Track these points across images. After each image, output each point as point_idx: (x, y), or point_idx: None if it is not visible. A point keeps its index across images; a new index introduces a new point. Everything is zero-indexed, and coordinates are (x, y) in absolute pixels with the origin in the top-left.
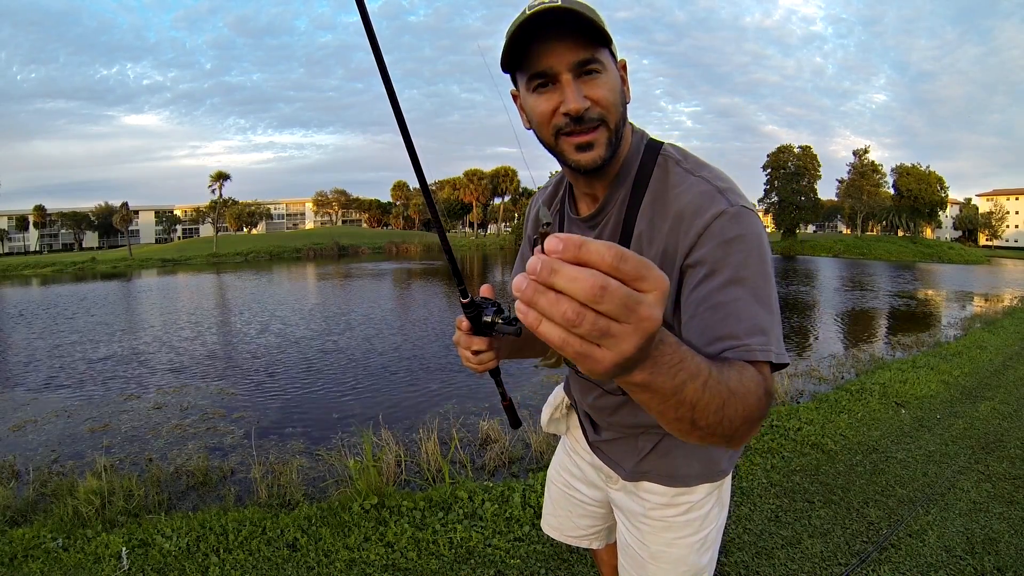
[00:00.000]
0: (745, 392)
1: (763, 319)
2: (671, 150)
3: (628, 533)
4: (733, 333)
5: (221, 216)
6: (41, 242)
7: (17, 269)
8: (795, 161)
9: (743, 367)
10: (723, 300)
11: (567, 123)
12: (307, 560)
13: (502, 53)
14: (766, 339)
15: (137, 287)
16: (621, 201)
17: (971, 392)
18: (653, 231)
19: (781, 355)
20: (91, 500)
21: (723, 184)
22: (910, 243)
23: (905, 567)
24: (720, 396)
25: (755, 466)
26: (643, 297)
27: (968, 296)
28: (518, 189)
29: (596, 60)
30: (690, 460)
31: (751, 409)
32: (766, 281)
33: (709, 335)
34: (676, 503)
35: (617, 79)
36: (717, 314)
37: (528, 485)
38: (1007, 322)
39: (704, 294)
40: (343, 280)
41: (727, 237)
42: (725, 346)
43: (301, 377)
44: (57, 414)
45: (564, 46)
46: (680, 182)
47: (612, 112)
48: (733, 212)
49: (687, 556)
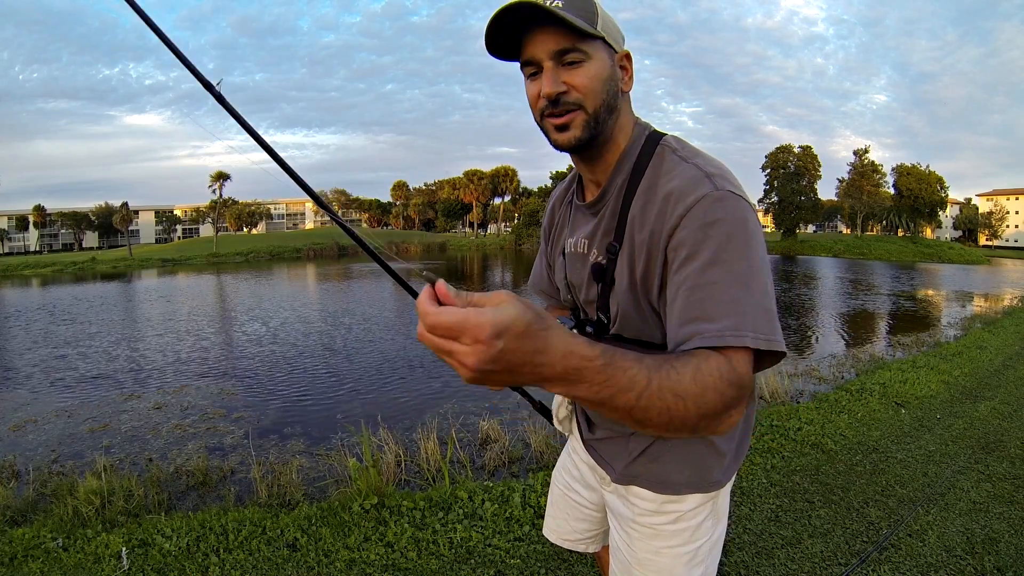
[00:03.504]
0: (699, 391)
1: (743, 302)
2: (670, 140)
3: (618, 537)
4: (706, 316)
5: (221, 216)
6: (41, 242)
7: (17, 269)
8: (795, 161)
9: (705, 359)
10: (701, 282)
11: (547, 105)
12: (307, 560)
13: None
14: (739, 322)
15: (137, 287)
16: (619, 188)
17: (971, 392)
18: (644, 216)
19: (766, 340)
20: (91, 500)
21: (712, 169)
22: (910, 243)
23: (905, 567)
24: (662, 402)
25: (755, 466)
26: (453, 345)
27: (968, 296)
28: (518, 189)
29: (577, 49)
30: (680, 467)
31: (708, 407)
32: (749, 263)
33: (684, 318)
34: (665, 511)
35: (605, 68)
36: (694, 296)
37: (528, 485)
38: (1007, 322)
39: (683, 277)
40: (343, 280)
41: (708, 220)
42: (696, 329)
43: (301, 377)
44: (57, 414)
45: (547, 36)
46: (672, 168)
47: (590, 98)
48: (716, 196)
49: (674, 567)
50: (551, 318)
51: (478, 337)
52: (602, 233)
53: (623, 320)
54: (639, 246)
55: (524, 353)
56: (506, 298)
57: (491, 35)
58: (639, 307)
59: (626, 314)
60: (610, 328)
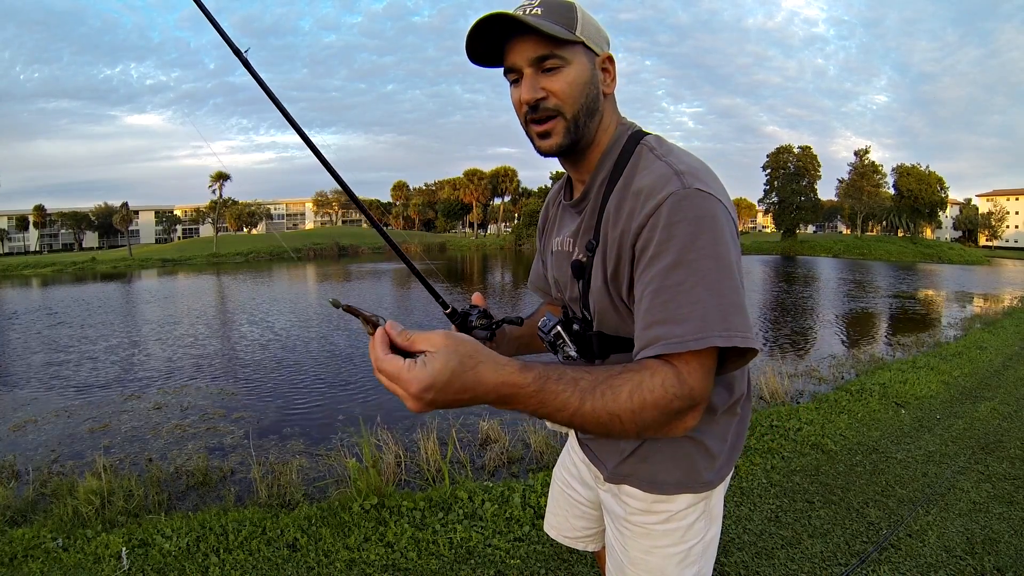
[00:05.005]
0: (636, 409)
1: (708, 303)
2: (650, 139)
3: (612, 536)
4: (670, 319)
5: (221, 216)
6: (41, 242)
7: (17, 269)
8: (795, 161)
9: (651, 375)
10: (665, 284)
11: (528, 111)
12: (307, 560)
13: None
14: (702, 326)
15: (137, 288)
16: (598, 187)
17: (971, 392)
18: (618, 213)
19: (737, 337)
20: (91, 500)
21: (682, 167)
22: (910, 243)
23: (905, 567)
24: (596, 420)
25: (755, 466)
26: (396, 388)
27: (968, 296)
28: (518, 189)
29: (555, 56)
30: (670, 467)
31: (645, 422)
32: (715, 261)
33: (647, 320)
34: (655, 510)
35: (584, 73)
36: (658, 299)
37: (528, 485)
38: (1007, 322)
39: (648, 278)
40: (343, 280)
41: (673, 219)
42: (659, 334)
43: (301, 377)
44: (57, 414)
45: (526, 43)
46: (646, 166)
47: (569, 103)
48: (682, 194)
49: (665, 567)
50: (482, 353)
51: (409, 391)
52: (583, 231)
53: (601, 317)
54: (611, 244)
55: (453, 393)
56: (439, 344)
57: (472, 45)
58: (614, 304)
59: (603, 311)
60: (593, 325)
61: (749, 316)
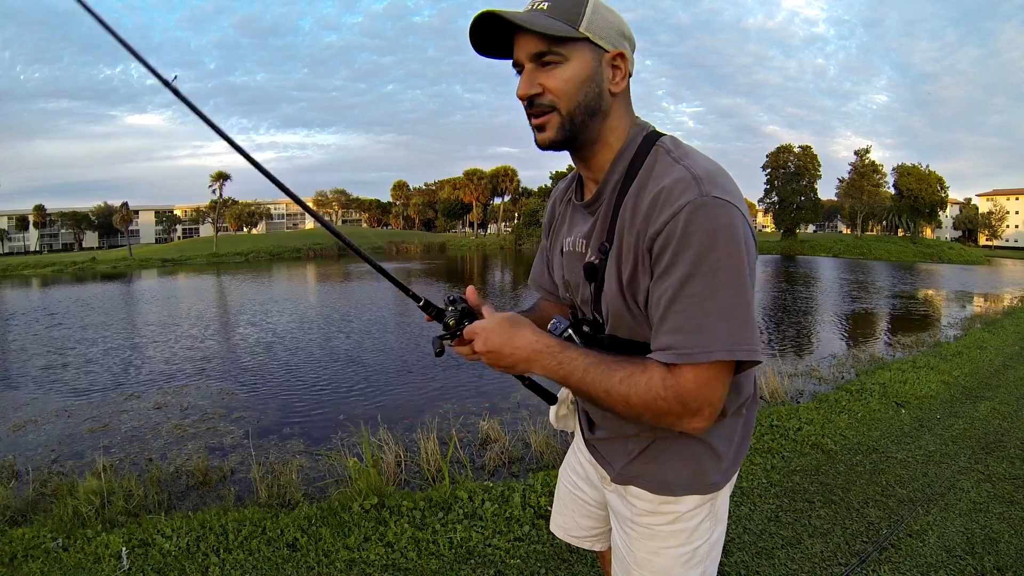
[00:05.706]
0: (624, 394)
1: (717, 316)
2: (666, 140)
3: (618, 536)
4: (680, 330)
5: (221, 216)
6: (41, 242)
7: (17, 269)
8: (795, 161)
9: (643, 370)
10: (679, 295)
11: (526, 105)
12: (307, 560)
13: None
14: (708, 340)
15: (137, 288)
16: (612, 188)
17: (971, 392)
18: (633, 218)
19: (741, 351)
20: (91, 500)
21: (700, 172)
22: (910, 243)
23: (905, 567)
24: (596, 389)
25: (755, 466)
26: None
27: (968, 296)
28: (518, 189)
29: (553, 52)
30: (677, 468)
31: (634, 410)
32: (729, 273)
33: (661, 329)
34: (662, 511)
35: (584, 70)
36: (671, 309)
37: (528, 485)
38: (1007, 322)
39: (663, 287)
40: (343, 280)
41: (690, 230)
42: (669, 343)
43: (301, 377)
44: (57, 414)
45: (526, 39)
46: (662, 170)
47: (564, 100)
48: (700, 202)
49: (672, 568)
50: (522, 322)
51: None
52: (597, 233)
53: (615, 320)
54: (627, 248)
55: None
56: (490, 314)
57: (479, 40)
58: (629, 308)
59: (618, 314)
60: (605, 328)
61: (756, 328)
